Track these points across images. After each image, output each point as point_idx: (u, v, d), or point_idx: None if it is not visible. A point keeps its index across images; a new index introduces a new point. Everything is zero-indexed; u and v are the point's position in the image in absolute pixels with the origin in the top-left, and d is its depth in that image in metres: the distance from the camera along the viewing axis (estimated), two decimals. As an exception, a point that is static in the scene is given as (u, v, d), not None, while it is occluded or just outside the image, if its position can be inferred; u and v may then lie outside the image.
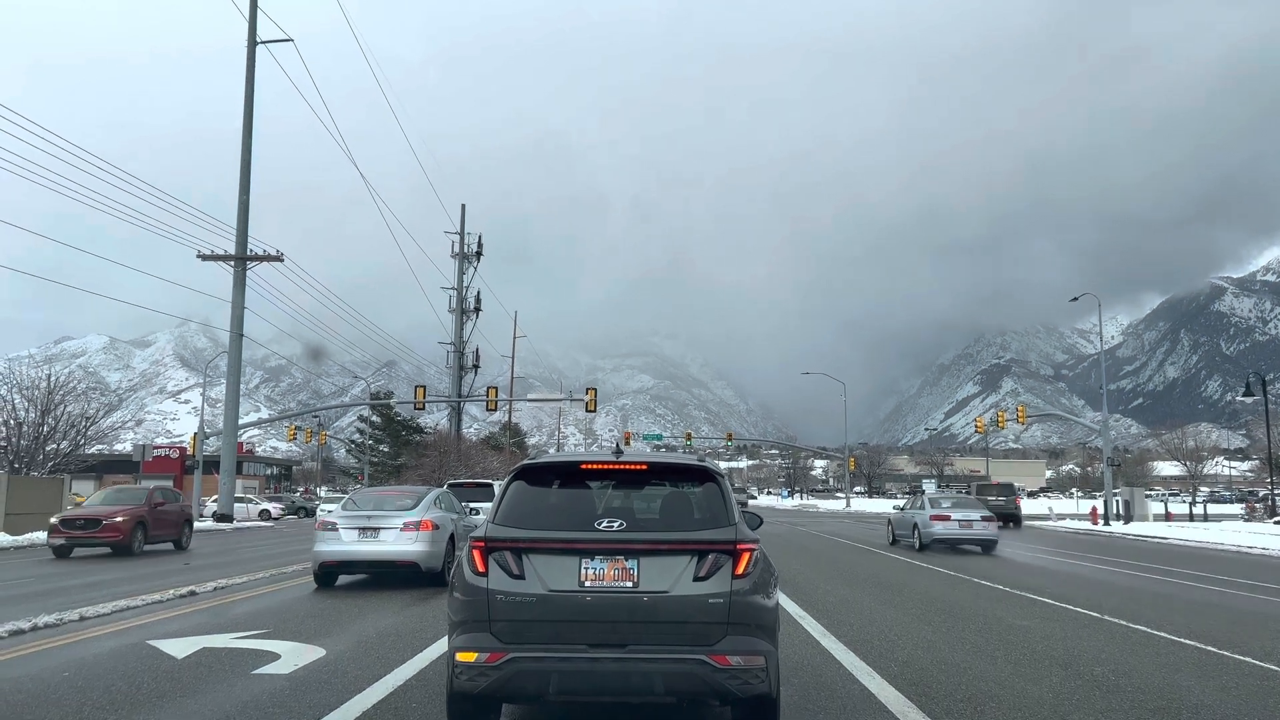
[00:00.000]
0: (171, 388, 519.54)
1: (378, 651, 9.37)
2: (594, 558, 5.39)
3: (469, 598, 5.43)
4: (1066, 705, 7.28)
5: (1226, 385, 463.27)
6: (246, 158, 37.83)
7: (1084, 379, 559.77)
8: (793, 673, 8.07)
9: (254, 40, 34.74)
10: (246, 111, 37.68)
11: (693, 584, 5.34)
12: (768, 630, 5.49)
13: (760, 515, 7.09)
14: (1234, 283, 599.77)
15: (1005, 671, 8.62)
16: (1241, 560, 25.05)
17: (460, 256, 57.10)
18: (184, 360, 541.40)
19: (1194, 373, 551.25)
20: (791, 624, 11.09)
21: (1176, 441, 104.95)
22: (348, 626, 11.17)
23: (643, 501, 6.03)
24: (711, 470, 6.02)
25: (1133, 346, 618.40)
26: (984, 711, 7.04)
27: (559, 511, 5.79)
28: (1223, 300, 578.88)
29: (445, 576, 14.84)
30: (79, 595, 14.17)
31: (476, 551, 5.50)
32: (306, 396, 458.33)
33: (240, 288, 35.20)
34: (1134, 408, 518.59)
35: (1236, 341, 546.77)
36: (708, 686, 5.25)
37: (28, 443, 39.94)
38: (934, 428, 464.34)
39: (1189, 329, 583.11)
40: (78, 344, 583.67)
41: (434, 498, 16.76)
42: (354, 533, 15.40)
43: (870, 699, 7.38)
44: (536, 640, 5.29)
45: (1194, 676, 8.49)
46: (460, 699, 5.49)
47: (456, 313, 56.88)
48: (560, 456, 6.34)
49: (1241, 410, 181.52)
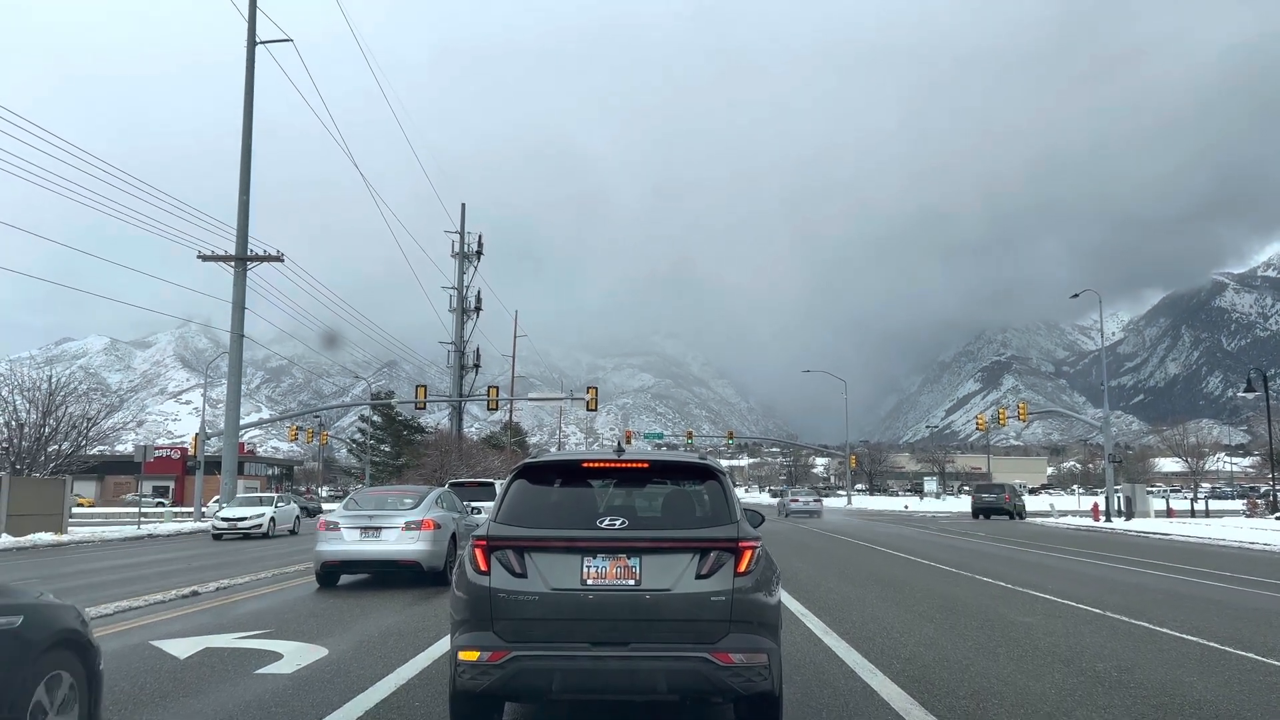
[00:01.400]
0: (173, 388, 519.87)
1: (380, 651, 9.38)
2: (596, 556, 5.39)
3: (471, 596, 5.43)
4: (1069, 701, 7.28)
5: (1228, 381, 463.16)
6: (247, 158, 37.87)
7: (1085, 375, 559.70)
8: (795, 670, 8.07)
9: (253, 40, 34.77)
10: (246, 112, 37.72)
11: (695, 582, 5.34)
12: (770, 628, 5.49)
13: (761, 513, 7.10)
14: (1235, 278, 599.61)
15: (1008, 668, 8.61)
16: (1243, 556, 25.04)
17: (460, 256, 57.10)
18: (185, 361, 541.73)
19: (1195, 369, 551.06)
20: (794, 621, 11.10)
21: (1178, 437, 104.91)
22: (350, 626, 11.18)
23: (644, 500, 6.03)
24: (713, 468, 6.02)
25: (1134, 343, 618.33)
26: (986, 708, 7.04)
27: (561, 510, 5.79)
28: (1224, 296, 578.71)
29: (447, 576, 14.85)
30: (83, 596, 14.18)
31: (478, 550, 5.50)
32: (308, 397, 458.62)
33: (241, 288, 35.22)
34: (1135, 404, 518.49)
35: (1237, 337, 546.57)
36: (711, 684, 5.25)
37: (29, 444, 39.96)
38: (935, 425, 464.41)
39: (1190, 325, 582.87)
40: (79, 345, 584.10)
41: (435, 497, 16.77)
42: (356, 532, 15.42)
43: (873, 696, 7.38)
44: (539, 639, 5.29)
45: (1196, 672, 8.49)
46: (463, 698, 5.49)
47: (457, 312, 56.88)
48: (562, 455, 6.34)
49: (1243, 406, 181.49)
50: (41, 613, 4.95)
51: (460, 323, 56.85)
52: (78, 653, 5.11)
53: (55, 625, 5.01)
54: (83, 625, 5.23)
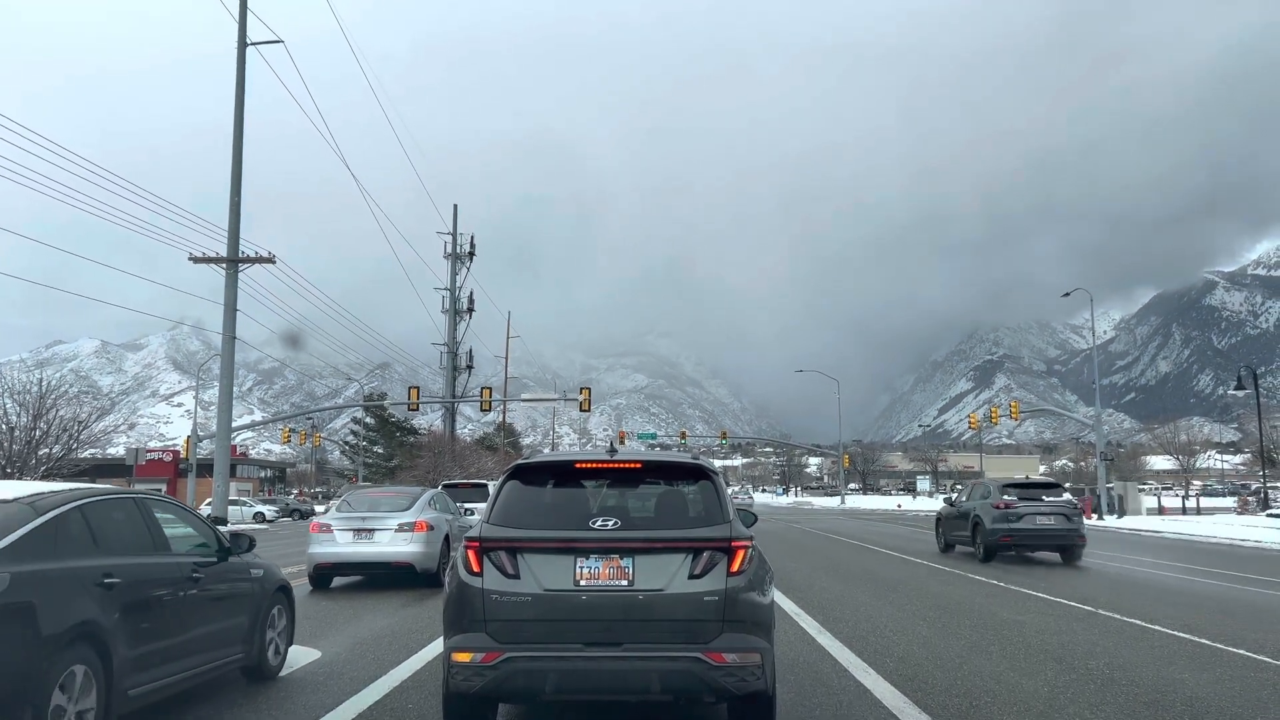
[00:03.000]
0: (164, 391, 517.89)
1: (374, 653, 9.37)
2: (589, 557, 5.39)
3: (464, 598, 5.43)
4: (1061, 699, 7.31)
5: (1218, 379, 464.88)
6: (238, 159, 37.80)
7: (1076, 374, 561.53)
8: (789, 669, 8.09)
9: (244, 41, 34.67)
10: (237, 113, 37.65)
11: (688, 582, 5.35)
12: (763, 627, 5.50)
13: (754, 513, 7.12)
14: (1225, 277, 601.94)
15: (1000, 666, 8.65)
16: (1234, 553, 25.15)
17: (453, 257, 57.02)
18: (176, 363, 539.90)
19: (1186, 367, 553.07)
20: (787, 621, 11.11)
21: (1169, 435, 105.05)
22: (343, 628, 11.16)
23: (637, 500, 6.04)
24: (706, 468, 6.03)
25: (1125, 341, 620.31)
26: (979, 706, 7.06)
27: (554, 511, 5.79)
28: (1214, 294, 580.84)
29: (440, 577, 14.82)
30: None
31: (471, 551, 5.50)
32: (300, 399, 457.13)
33: (233, 290, 35.14)
34: (1126, 402, 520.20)
35: (1228, 335, 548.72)
36: (704, 684, 5.26)
37: (19, 447, 39.77)
38: (928, 424, 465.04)
39: (1180, 323, 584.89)
40: (69, 348, 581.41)
41: (429, 498, 16.75)
42: (349, 534, 15.38)
43: (866, 695, 7.40)
44: (532, 640, 5.30)
45: (1188, 669, 8.53)
46: (456, 699, 5.50)
47: (449, 313, 56.79)
48: (555, 456, 6.34)
49: (1233, 404, 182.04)
50: (271, 570, 8.50)
51: (453, 324, 56.75)
52: (287, 595, 8.65)
53: (277, 577, 8.51)
54: (286, 580, 8.79)
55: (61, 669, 5.20)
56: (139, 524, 6.63)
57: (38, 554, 5.42)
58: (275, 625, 8.23)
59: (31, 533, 5.47)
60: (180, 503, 7.95)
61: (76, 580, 5.57)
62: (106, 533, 6.17)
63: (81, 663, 5.36)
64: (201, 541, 7.49)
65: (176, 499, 8.64)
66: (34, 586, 5.20)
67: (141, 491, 7.53)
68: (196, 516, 7.84)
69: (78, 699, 5.33)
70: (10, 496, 5.76)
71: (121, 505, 6.63)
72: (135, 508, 6.74)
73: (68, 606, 5.38)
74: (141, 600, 6.12)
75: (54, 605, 5.28)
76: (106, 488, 6.98)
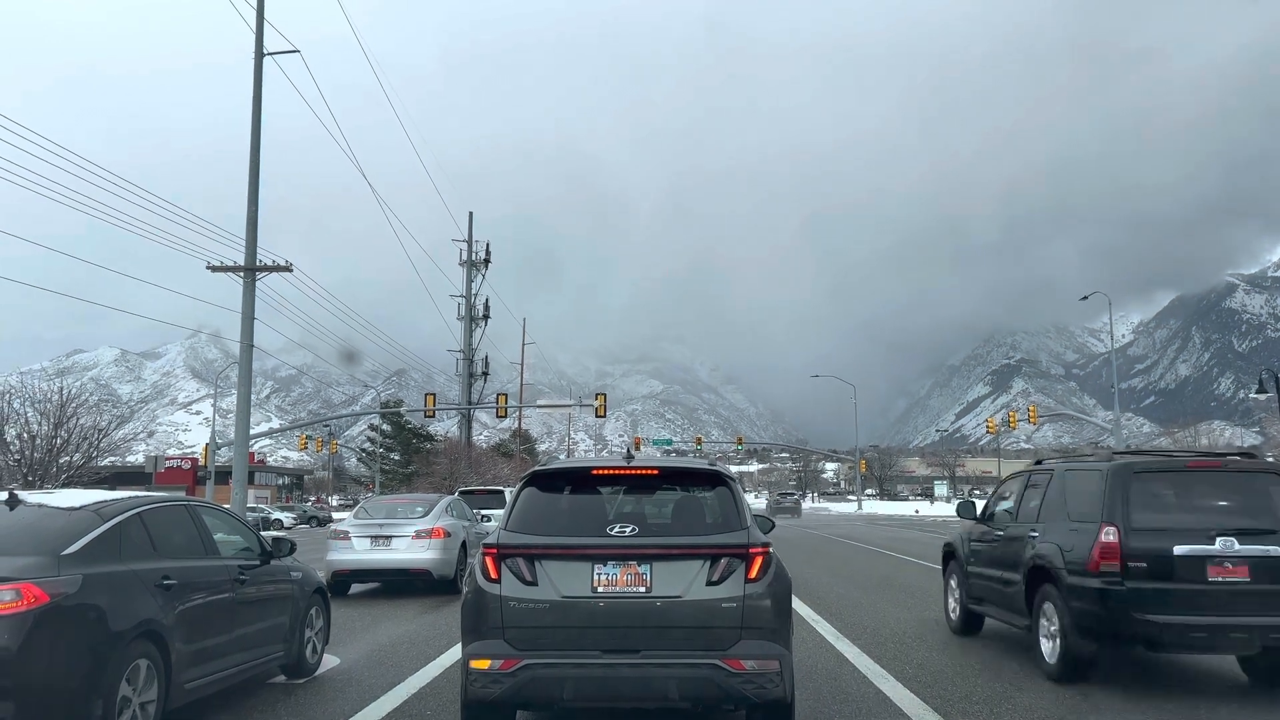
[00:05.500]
0: (183, 399, 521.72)
1: (391, 659, 9.39)
2: (607, 563, 5.39)
3: (482, 604, 5.43)
4: (1084, 707, 7.23)
5: (1239, 382, 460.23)
6: (255, 169, 38.07)
7: (1095, 378, 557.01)
8: (807, 677, 8.04)
9: (260, 51, 34.96)
10: (254, 123, 37.93)
11: (706, 588, 5.33)
12: (781, 634, 5.47)
13: (772, 519, 7.09)
14: (1245, 279, 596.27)
15: (1022, 674, 8.57)
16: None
17: (469, 264, 57.22)
18: (195, 371, 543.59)
19: (1206, 370, 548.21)
20: (805, 627, 11.06)
21: (1189, 439, 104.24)
22: (361, 635, 11.19)
23: (654, 506, 6.03)
24: (722, 474, 6.01)
25: (1144, 345, 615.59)
26: (999, 713, 7.00)
27: (571, 517, 5.79)
28: (1234, 297, 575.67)
29: (458, 584, 14.84)
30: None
31: (489, 558, 5.50)
32: (317, 406, 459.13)
33: (250, 298, 35.38)
34: (1146, 406, 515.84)
35: (1248, 338, 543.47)
36: (722, 691, 5.24)
37: (41, 455, 40.12)
38: (945, 429, 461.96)
39: (1200, 326, 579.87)
40: (89, 357, 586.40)
41: (445, 505, 16.77)
42: (366, 541, 15.41)
43: (885, 702, 7.35)
44: (550, 647, 5.29)
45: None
46: (475, 706, 5.49)
47: (465, 320, 56.96)
48: (571, 462, 6.34)
49: (1254, 407, 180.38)
50: (309, 573, 8.92)
51: (469, 331, 56.91)
52: (324, 597, 9.08)
53: (314, 580, 8.98)
54: (323, 582, 9.42)
55: (127, 663, 5.65)
56: (190, 529, 7.03)
57: (104, 557, 5.83)
58: (313, 625, 8.61)
59: (98, 538, 5.88)
60: (226, 509, 8.45)
61: (139, 581, 6.00)
62: (163, 537, 6.58)
63: (144, 657, 5.82)
64: (246, 546, 7.89)
65: (223, 506, 9.09)
66: (103, 588, 5.64)
67: (192, 499, 7.94)
68: (241, 522, 8.24)
69: (141, 690, 5.79)
70: (77, 504, 6.16)
71: (175, 512, 7.04)
72: (187, 514, 7.15)
73: (132, 605, 5.82)
74: (195, 600, 6.54)
75: (120, 605, 5.72)
76: (162, 495, 7.35)
